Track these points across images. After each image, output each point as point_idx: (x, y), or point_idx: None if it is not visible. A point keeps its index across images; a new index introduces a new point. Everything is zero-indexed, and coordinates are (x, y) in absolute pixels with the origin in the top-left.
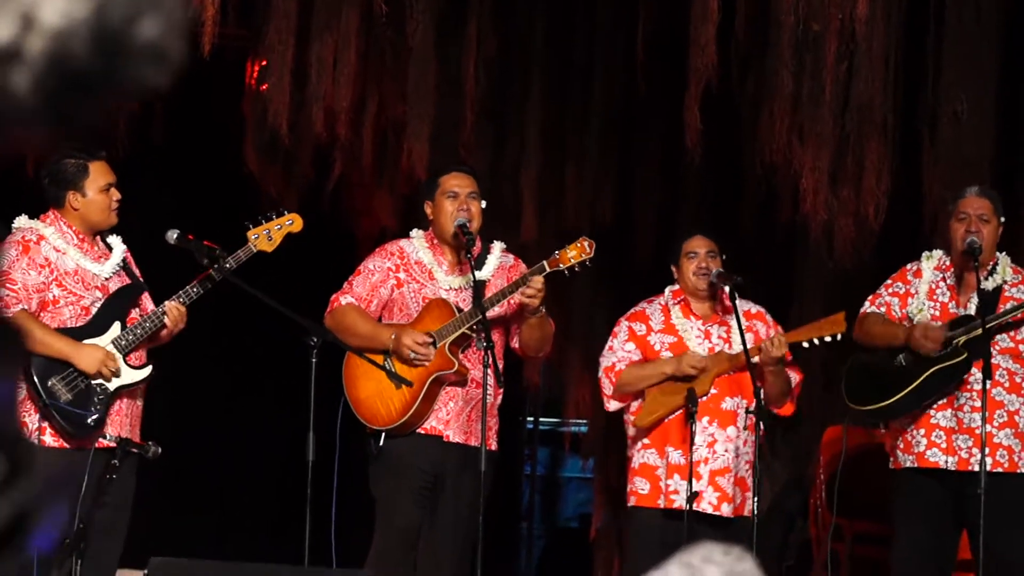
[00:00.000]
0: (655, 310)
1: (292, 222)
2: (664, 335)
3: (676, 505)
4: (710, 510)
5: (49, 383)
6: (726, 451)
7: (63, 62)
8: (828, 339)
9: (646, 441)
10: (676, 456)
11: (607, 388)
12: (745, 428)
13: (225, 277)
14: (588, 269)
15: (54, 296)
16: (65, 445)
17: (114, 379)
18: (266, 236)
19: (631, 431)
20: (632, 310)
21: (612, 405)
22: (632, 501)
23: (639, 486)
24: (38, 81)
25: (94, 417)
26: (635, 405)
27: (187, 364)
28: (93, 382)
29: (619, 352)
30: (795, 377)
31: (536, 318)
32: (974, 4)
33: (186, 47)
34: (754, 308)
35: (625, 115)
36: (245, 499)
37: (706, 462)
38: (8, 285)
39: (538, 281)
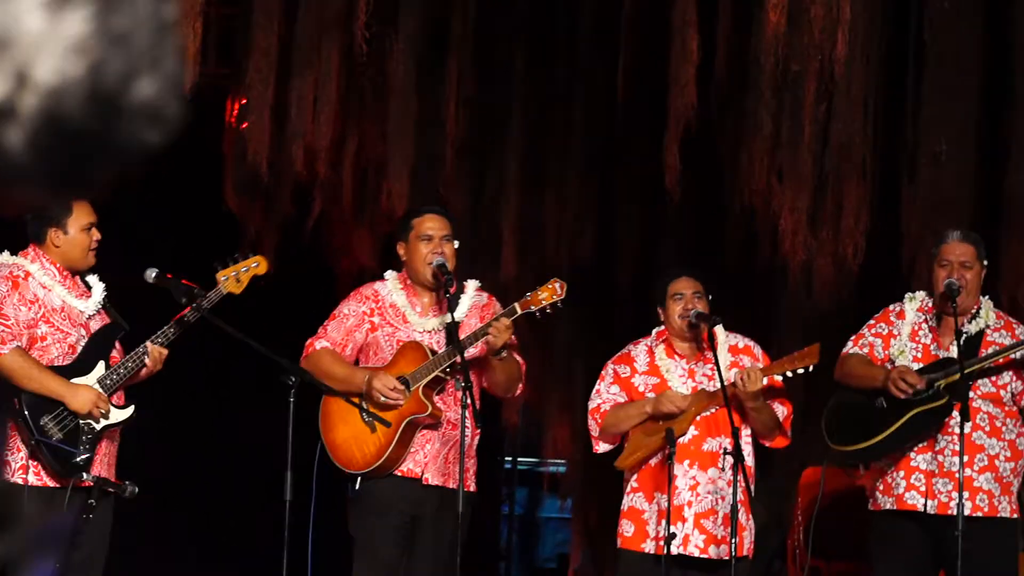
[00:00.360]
0: (640, 351)
1: (258, 264)
2: (648, 376)
3: (665, 550)
4: (697, 553)
5: (41, 421)
6: (709, 493)
7: (57, 120)
8: (801, 371)
9: (635, 485)
10: (664, 501)
11: (594, 430)
12: (727, 469)
13: (203, 317)
14: (567, 307)
15: (42, 333)
16: (48, 483)
17: (102, 419)
18: (234, 278)
19: (626, 474)
20: (619, 352)
21: (600, 447)
22: (619, 543)
23: (625, 528)
24: (32, 139)
25: (84, 456)
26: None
27: (165, 403)
28: (81, 421)
29: (604, 394)
30: (783, 409)
31: (498, 360)
32: (953, 44)
33: (183, 108)
34: (742, 342)
35: (605, 154)
36: (222, 538)
37: (690, 505)
38: (1, 321)
39: (503, 322)
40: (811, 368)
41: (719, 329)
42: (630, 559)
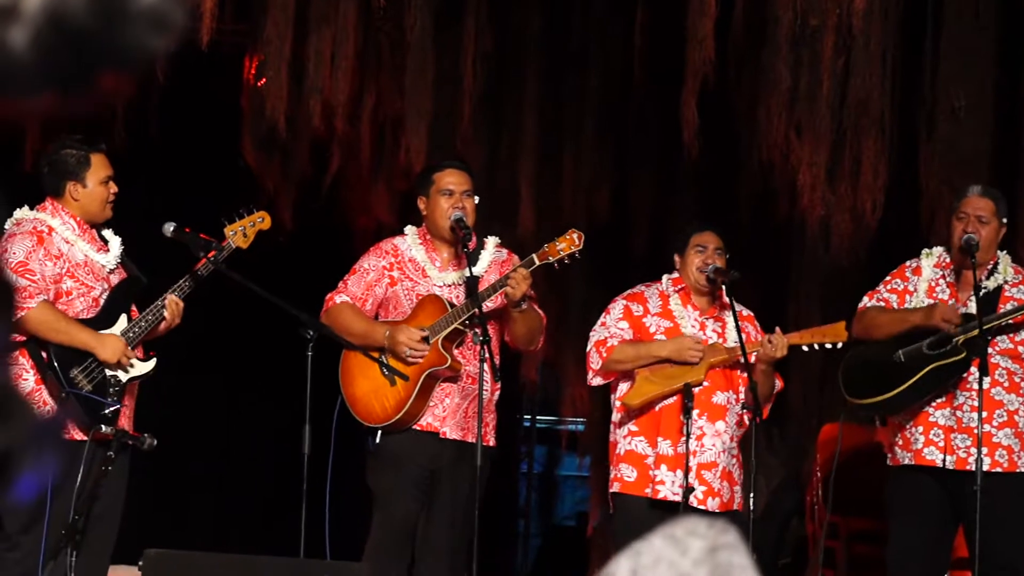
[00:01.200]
0: (653, 294)
1: (262, 219)
2: (661, 319)
3: (661, 496)
4: (695, 504)
5: (71, 373)
6: (714, 445)
7: (61, 20)
8: (828, 346)
9: (634, 428)
10: (665, 447)
11: (595, 362)
12: (735, 424)
13: (220, 270)
14: (584, 264)
15: (67, 288)
16: (75, 436)
17: (128, 370)
18: (241, 233)
19: (616, 416)
20: (629, 291)
21: (596, 380)
22: (616, 487)
23: (625, 472)
24: (36, 38)
25: (113, 408)
26: (623, 388)
27: (183, 357)
28: (108, 373)
29: (612, 328)
30: (778, 384)
31: (519, 311)
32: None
33: (186, 14)
34: (745, 311)
35: (622, 109)
36: (240, 491)
37: (694, 455)
38: (28, 276)
39: (521, 272)
40: (838, 346)
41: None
42: (632, 504)
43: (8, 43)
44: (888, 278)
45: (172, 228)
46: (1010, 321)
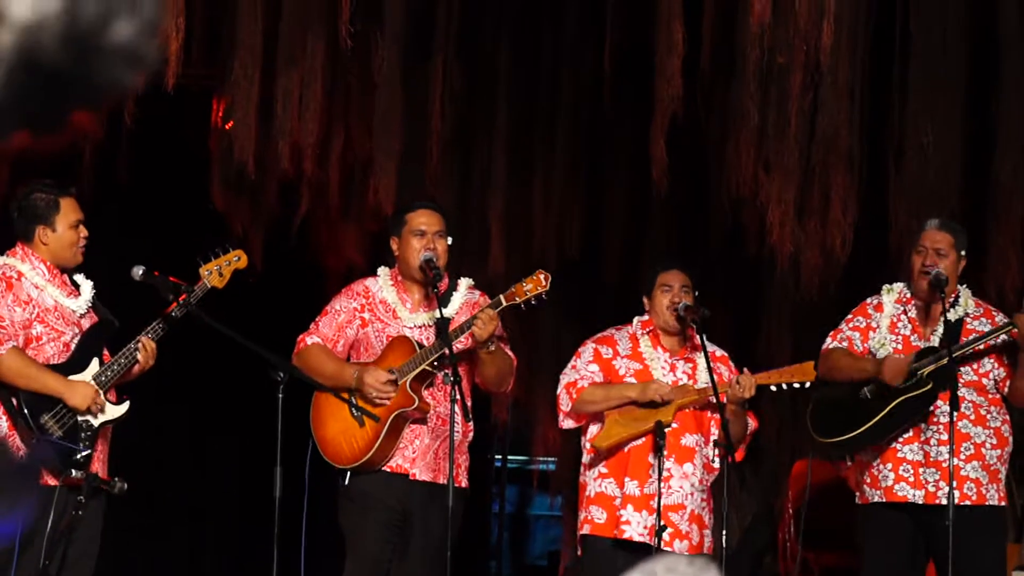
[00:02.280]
0: (623, 336)
1: (239, 258)
2: (631, 361)
3: (627, 536)
4: (662, 547)
5: (41, 419)
6: (681, 487)
7: (33, 57)
8: (796, 385)
9: (604, 470)
10: (632, 487)
11: (565, 404)
12: (702, 466)
13: (190, 313)
14: (555, 300)
15: (37, 333)
16: (48, 482)
17: (100, 415)
18: (217, 272)
19: (586, 458)
20: (600, 334)
21: (567, 423)
22: (586, 529)
23: (595, 515)
24: (7, 75)
25: (84, 453)
26: (593, 430)
27: (156, 400)
28: (80, 418)
29: (582, 371)
30: (752, 424)
31: (487, 353)
32: (940, 34)
33: (159, 51)
34: (719, 351)
35: (591, 147)
36: (213, 534)
37: (660, 497)
38: None
39: (488, 313)
40: (806, 385)
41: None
42: (601, 546)
43: None
44: (850, 316)
45: (141, 272)
46: (972, 351)
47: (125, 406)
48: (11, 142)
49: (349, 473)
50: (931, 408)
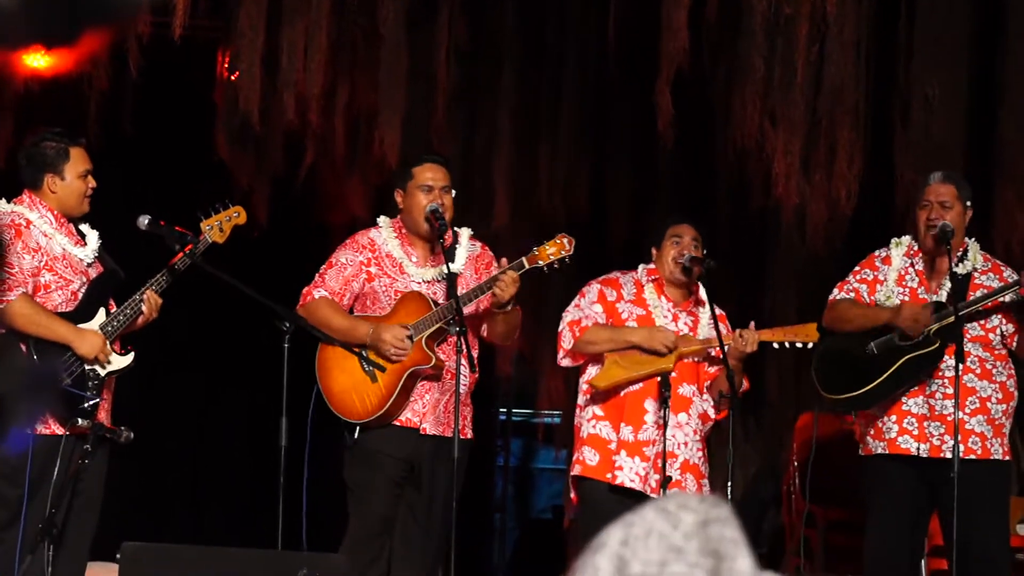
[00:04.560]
0: (628, 281)
1: (238, 214)
2: (634, 306)
3: (619, 481)
4: (649, 492)
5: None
6: (674, 436)
7: None
8: (800, 345)
9: (599, 412)
10: (626, 432)
11: (566, 342)
12: (697, 416)
13: (196, 264)
14: (563, 265)
15: (45, 281)
16: (55, 431)
17: (107, 365)
18: (218, 228)
19: (582, 399)
20: (605, 276)
21: (565, 361)
22: (577, 470)
23: (587, 456)
24: None
25: (93, 401)
26: (591, 371)
27: (159, 351)
28: (87, 367)
29: (586, 310)
30: (744, 385)
31: (504, 311)
32: None
33: None
34: (718, 310)
35: (597, 100)
36: (217, 484)
37: (654, 444)
38: (7, 269)
39: (510, 275)
40: (809, 345)
41: (702, 291)
42: (593, 488)
43: None
44: (857, 268)
45: (147, 221)
46: (980, 308)
47: (130, 357)
48: (23, 48)
49: (358, 428)
50: (938, 364)
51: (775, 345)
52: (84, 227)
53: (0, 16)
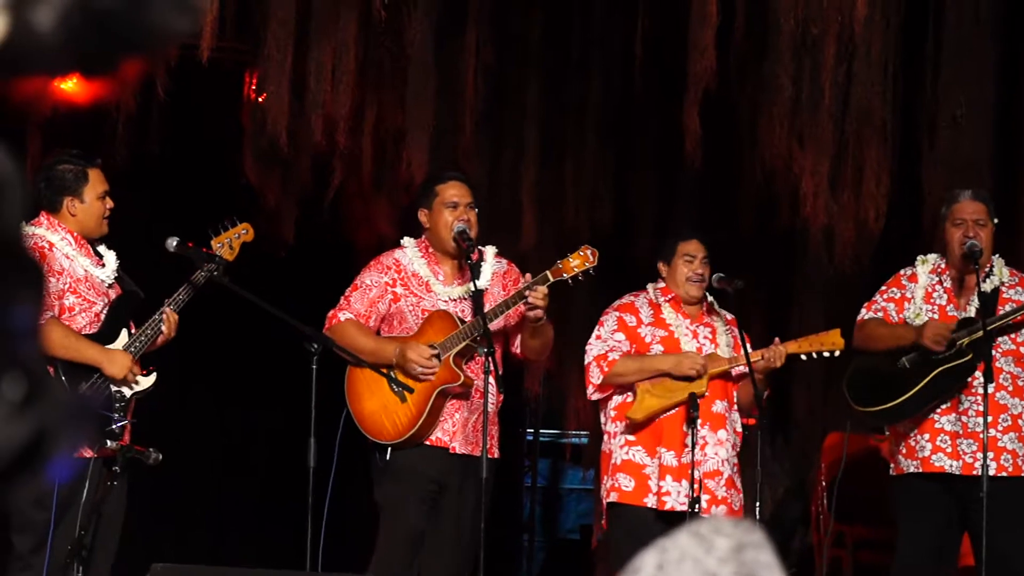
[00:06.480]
0: (643, 303)
1: (247, 231)
2: (655, 328)
3: (668, 507)
4: (700, 513)
5: (79, 389)
6: (716, 454)
7: (88, 1)
8: (827, 354)
9: (631, 438)
10: (669, 457)
11: (595, 377)
12: (733, 431)
13: (225, 285)
14: (586, 277)
15: (70, 303)
16: (83, 454)
17: (133, 386)
18: (228, 245)
19: (611, 427)
20: (619, 302)
21: (596, 396)
22: (613, 497)
23: (623, 483)
24: (62, 19)
25: (121, 424)
26: (617, 399)
27: (185, 372)
28: (113, 388)
29: (609, 341)
30: (766, 390)
31: (538, 325)
32: (973, 7)
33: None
34: (728, 315)
35: (624, 120)
36: (243, 506)
37: (698, 465)
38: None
39: (541, 290)
40: (836, 353)
41: (711, 299)
42: (630, 514)
43: (35, 24)
44: (884, 287)
45: (176, 243)
46: (1011, 322)
47: (153, 378)
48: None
49: (390, 449)
50: (970, 379)
51: (803, 357)
52: (101, 248)
53: (39, 44)
